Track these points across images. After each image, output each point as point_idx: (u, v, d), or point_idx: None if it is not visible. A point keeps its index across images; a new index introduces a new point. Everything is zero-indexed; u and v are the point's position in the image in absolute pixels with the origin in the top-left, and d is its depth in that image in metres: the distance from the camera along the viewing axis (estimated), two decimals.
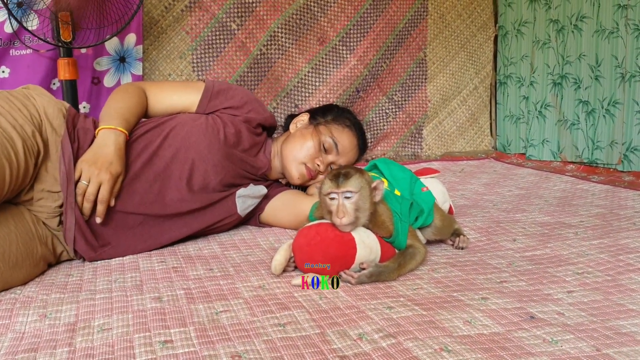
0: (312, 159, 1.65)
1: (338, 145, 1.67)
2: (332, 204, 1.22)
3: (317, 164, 1.65)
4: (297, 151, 1.66)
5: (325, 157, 1.67)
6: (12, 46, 2.19)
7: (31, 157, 1.31)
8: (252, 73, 2.64)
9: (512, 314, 1.03)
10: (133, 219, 1.45)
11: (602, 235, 1.54)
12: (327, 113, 1.76)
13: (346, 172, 1.22)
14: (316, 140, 1.66)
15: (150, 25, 2.45)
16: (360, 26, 2.81)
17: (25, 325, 1.04)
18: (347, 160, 1.71)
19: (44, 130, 1.37)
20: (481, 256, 1.40)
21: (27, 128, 1.32)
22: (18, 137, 1.28)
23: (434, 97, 3.04)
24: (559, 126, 2.79)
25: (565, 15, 2.71)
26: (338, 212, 1.20)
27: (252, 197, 1.65)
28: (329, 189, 1.21)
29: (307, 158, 1.65)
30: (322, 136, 1.67)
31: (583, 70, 2.65)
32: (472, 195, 2.16)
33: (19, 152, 1.27)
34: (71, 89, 2.11)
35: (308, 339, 0.95)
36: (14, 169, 1.26)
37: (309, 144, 1.66)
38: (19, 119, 1.32)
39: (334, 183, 1.21)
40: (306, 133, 1.69)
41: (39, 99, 1.41)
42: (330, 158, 1.67)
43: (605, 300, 1.11)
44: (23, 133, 1.30)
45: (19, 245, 1.26)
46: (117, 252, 1.44)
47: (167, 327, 1.00)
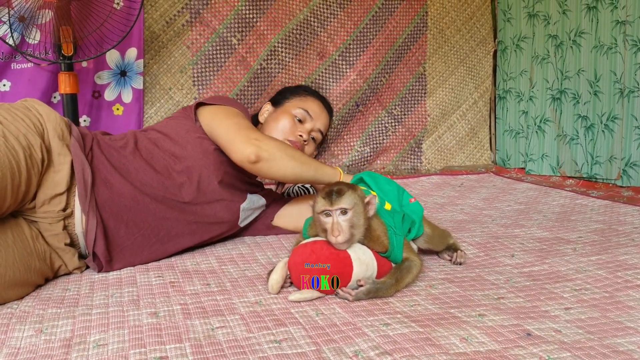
0: (292, 132, 1.80)
1: (309, 112, 1.84)
2: (326, 221, 1.21)
3: (299, 134, 1.80)
4: (276, 132, 1.78)
5: (304, 127, 1.83)
6: (14, 60, 2.20)
7: (34, 166, 1.32)
8: (252, 87, 2.65)
9: (508, 331, 1.03)
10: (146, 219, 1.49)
11: (601, 251, 1.54)
12: (284, 93, 1.95)
13: (339, 189, 1.20)
14: (288, 116, 1.82)
15: (151, 40, 2.47)
16: (359, 41, 2.82)
17: (21, 340, 1.03)
18: (323, 122, 1.88)
19: (46, 137, 1.38)
20: (479, 272, 1.40)
21: (31, 137, 1.33)
22: (20, 147, 1.29)
23: (434, 111, 3.05)
24: (558, 141, 2.80)
25: (564, 30, 2.72)
26: (333, 230, 1.19)
27: (252, 209, 1.71)
28: (323, 207, 1.20)
29: (288, 133, 1.79)
30: (292, 110, 1.83)
31: (582, 86, 2.65)
32: (471, 210, 2.16)
33: (21, 162, 1.28)
34: (72, 103, 2.12)
35: (304, 356, 0.94)
36: (16, 180, 1.26)
37: (283, 122, 1.81)
38: (21, 128, 1.33)
39: (327, 200, 1.20)
40: (276, 115, 1.85)
41: (39, 108, 1.43)
42: (308, 126, 1.84)
43: (603, 317, 1.11)
44: (26, 143, 1.31)
45: (16, 260, 1.25)
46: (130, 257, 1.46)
47: (163, 342, 0.99)
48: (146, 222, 1.48)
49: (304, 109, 1.84)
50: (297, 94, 1.92)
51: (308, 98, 1.90)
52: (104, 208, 1.42)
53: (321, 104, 1.91)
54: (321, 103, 1.91)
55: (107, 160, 1.47)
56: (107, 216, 1.42)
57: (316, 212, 1.23)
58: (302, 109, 1.84)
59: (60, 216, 1.37)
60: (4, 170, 1.23)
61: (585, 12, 2.61)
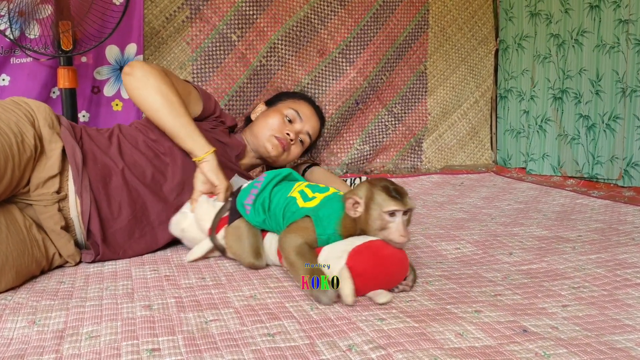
0: (280, 130, 1.84)
1: (300, 113, 1.89)
2: (390, 220, 1.18)
3: (286, 133, 1.85)
4: (265, 128, 1.85)
5: (292, 127, 1.88)
6: (13, 54, 2.20)
7: (26, 152, 1.34)
8: (251, 84, 2.64)
9: (504, 327, 1.02)
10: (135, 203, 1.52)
11: (600, 250, 1.53)
12: (280, 96, 2.01)
13: (402, 189, 1.19)
14: (279, 114, 1.87)
15: (151, 36, 2.46)
16: (360, 39, 2.81)
17: (14, 331, 1.03)
18: (312, 126, 1.92)
19: (37, 126, 1.41)
20: (476, 269, 1.39)
21: (22, 126, 1.36)
22: (12, 134, 1.32)
23: (434, 110, 3.04)
24: (559, 141, 2.79)
25: (566, 29, 2.71)
26: (400, 230, 1.17)
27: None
28: (393, 207, 1.16)
29: (276, 130, 1.84)
30: (283, 110, 1.88)
31: (584, 85, 2.64)
32: (471, 209, 2.15)
33: (14, 148, 1.30)
34: (70, 98, 2.12)
35: (297, 349, 0.93)
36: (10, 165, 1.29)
37: (273, 119, 1.86)
38: (12, 118, 1.36)
39: (398, 201, 1.16)
40: (268, 112, 1.90)
41: (29, 101, 1.46)
42: (297, 127, 1.88)
43: (601, 315, 1.10)
44: (18, 130, 1.34)
45: (10, 247, 1.26)
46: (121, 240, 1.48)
47: (156, 335, 0.99)
48: (138, 203, 1.51)
49: (295, 110, 1.89)
50: (292, 97, 1.98)
51: (301, 102, 1.95)
52: (97, 189, 1.45)
53: (313, 110, 1.96)
54: (313, 109, 1.97)
55: (96, 145, 1.52)
56: (100, 197, 1.45)
57: (382, 210, 1.17)
58: (293, 109, 1.89)
59: (55, 198, 1.39)
60: None
61: (588, 11, 2.59)
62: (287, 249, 1.22)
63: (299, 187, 1.34)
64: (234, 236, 1.39)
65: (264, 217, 1.34)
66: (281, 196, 1.34)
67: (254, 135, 1.86)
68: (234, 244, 1.39)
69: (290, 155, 1.89)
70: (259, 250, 1.37)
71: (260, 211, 1.35)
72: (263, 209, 1.34)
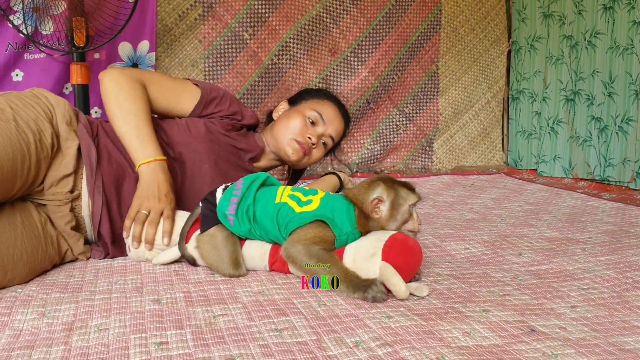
0: (301, 133, 1.72)
1: (323, 116, 1.75)
2: (411, 212, 1.26)
3: (307, 136, 1.72)
4: (286, 130, 1.73)
5: (315, 129, 1.75)
6: (27, 50, 2.22)
7: (43, 151, 1.34)
8: (263, 82, 2.65)
9: (512, 327, 1.01)
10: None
11: (610, 251, 1.52)
12: (303, 94, 1.87)
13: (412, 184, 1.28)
14: (301, 116, 1.74)
15: (163, 33, 2.47)
16: (372, 38, 2.81)
17: (24, 323, 1.04)
18: (335, 129, 1.79)
19: (55, 123, 1.41)
20: (485, 269, 1.39)
21: (41, 123, 1.36)
22: (30, 132, 1.32)
23: (446, 110, 3.03)
24: (571, 142, 2.77)
25: (579, 31, 2.69)
26: (419, 220, 1.27)
27: None
28: (417, 199, 1.26)
29: (297, 134, 1.72)
30: (306, 111, 1.75)
31: (596, 87, 2.63)
32: (481, 210, 2.14)
33: (31, 146, 1.31)
34: (83, 94, 2.13)
35: (304, 344, 0.94)
36: (26, 163, 1.29)
37: (295, 121, 1.73)
38: (32, 114, 1.36)
39: (416, 194, 1.27)
40: (290, 113, 1.77)
41: (48, 95, 1.46)
42: (319, 130, 1.75)
43: (610, 316, 1.09)
44: (36, 128, 1.34)
45: (25, 243, 1.27)
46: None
47: (164, 329, 0.99)
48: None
49: (318, 112, 1.75)
50: (316, 96, 1.84)
51: (325, 102, 1.80)
52: (110, 190, 1.45)
53: (337, 110, 1.82)
54: (338, 109, 1.82)
55: (112, 142, 1.50)
56: (112, 198, 1.45)
57: (409, 204, 1.25)
58: (316, 111, 1.75)
59: (68, 198, 1.39)
60: (15, 153, 1.26)
61: (602, 13, 2.58)
62: (302, 258, 1.20)
63: (285, 192, 1.31)
64: (209, 245, 1.30)
65: (249, 226, 1.28)
66: (267, 203, 1.29)
67: (274, 137, 1.74)
68: (210, 254, 1.30)
69: (311, 158, 1.78)
70: (238, 260, 1.29)
71: (246, 220, 1.28)
72: (248, 218, 1.28)
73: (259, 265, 1.32)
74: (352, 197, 1.26)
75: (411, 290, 1.17)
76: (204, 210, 1.34)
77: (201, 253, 1.31)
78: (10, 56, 2.19)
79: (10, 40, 2.18)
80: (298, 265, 1.21)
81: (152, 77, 1.62)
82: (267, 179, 1.37)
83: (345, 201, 1.25)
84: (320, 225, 1.23)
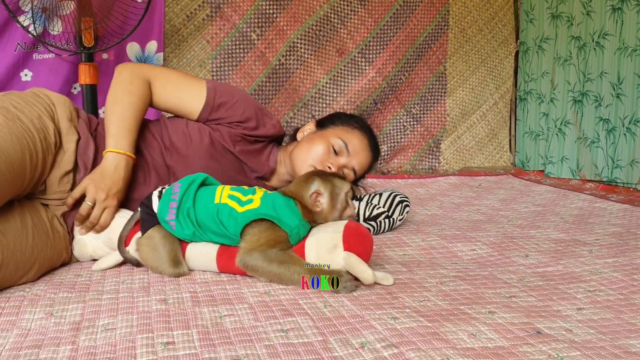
0: (322, 161, 1.58)
1: (348, 146, 1.60)
2: (347, 199, 1.30)
3: (328, 166, 1.58)
4: (306, 155, 1.60)
5: (337, 159, 1.60)
6: (35, 50, 2.23)
7: (48, 148, 1.35)
8: (270, 83, 2.65)
9: (518, 329, 1.01)
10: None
11: (617, 253, 1.51)
12: (334, 118, 1.71)
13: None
14: (325, 143, 1.60)
15: (171, 33, 2.48)
16: (380, 38, 2.82)
17: (32, 322, 1.05)
18: (360, 162, 1.64)
19: (56, 120, 1.41)
20: (492, 271, 1.39)
21: (44, 121, 1.37)
22: (35, 130, 1.33)
23: (453, 111, 3.03)
24: (578, 144, 2.76)
25: (588, 32, 2.69)
26: (353, 205, 1.31)
27: None
28: (347, 187, 1.30)
29: (317, 161, 1.58)
30: (331, 138, 1.61)
31: (604, 88, 2.62)
32: (488, 211, 2.14)
33: (37, 144, 1.31)
34: (91, 94, 2.15)
35: (309, 345, 0.94)
36: (34, 160, 1.30)
37: (317, 147, 1.60)
38: (34, 112, 1.37)
39: (347, 182, 1.31)
40: (314, 137, 1.64)
41: (49, 93, 1.46)
42: (341, 160, 1.60)
43: (616, 318, 1.09)
44: (40, 125, 1.35)
45: (35, 239, 1.28)
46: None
47: (171, 329, 1.00)
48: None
49: (344, 141, 1.60)
50: (346, 123, 1.67)
51: (354, 132, 1.65)
52: None
53: (366, 142, 1.66)
54: (367, 141, 1.67)
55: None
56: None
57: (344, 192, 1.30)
58: (342, 140, 1.60)
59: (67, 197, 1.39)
60: (23, 150, 1.27)
61: (610, 14, 2.57)
62: (262, 265, 1.21)
63: (224, 191, 1.30)
64: (148, 247, 1.29)
65: (193, 229, 1.27)
66: (207, 204, 1.28)
67: (292, 159, 1.62)
68: (149, 256, 1.29)
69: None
70: (177, 258, 1.28)
71: (189, 224, 1.27)
72: (191, 222, 1.27)
73: (207, 266, 1.32)
74: (291, 193, 1.28)
75: (377, 280, 1.22)
76: (142, 214, 1.32)
77: (141, 255, 1.31)
78: (19, 56, 2.21)
79: (19, 41, 2.19)
80: (259, 273, 1.23)
81: (160, 73, 1.58)
82: (206, 179, 1.36)
83: (285, 197, 1.27)
84: (269, 227, 1.24)
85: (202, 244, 1.31)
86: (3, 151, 1.22)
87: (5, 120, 1.28)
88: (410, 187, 2.62)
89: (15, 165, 1.24)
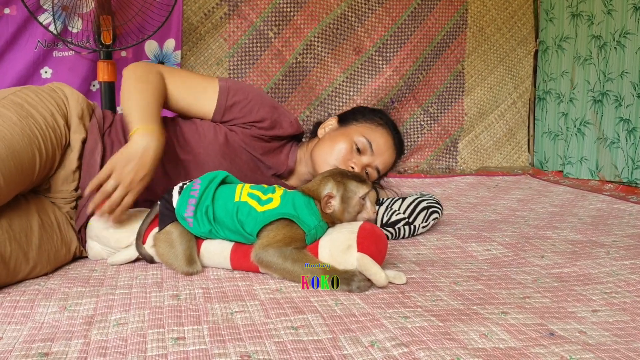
0: (344, 161, 1.54)
1: (372, 145, 1.55)
2: (364, 202, 1.29)
3: (351, 166, 1.53)
4: (327, 154, 1.55)
5: (360, 159, 1.55)
6: (55, 47, 2.26)
7: (58, 146, 1.36)
8: (287, 81, 2.66)
9: (531, 330, 1.00)
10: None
11: (635, 255, 1.49)
12: (356, 114, 1.65)
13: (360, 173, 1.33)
14: (348, 141, 1.55)
15: (189, 32, 2.49)
16: (397, 37, 2.80)
17: (45, 316, 1.06)
18: (384, 161, 1.59)
19: (67, 116, 1.42)
20: (506, 271, 1.37)
21: (56, 118, 1.37)
22: (46, 126, 1.33)
23: (471, 110, 3.01)
24: (598, 144, 2.73)
25: (608, 31, 2.65)
26: (373, 208, 1.31)
27: None
28: (366, 190, 1.29)
29: (340, 160, 1.53)
30: (354, 136, 1.56)
31: (625, 88, 2.58)
32: (504, 211, 2.12)
33: (47, 141, 1.32)
34: (110, 91, 2.16)
35: (319, 343, 0.94)
36: (43, 156, 1.31)
37: (340, 146, 1.55)
38: (47, 109, 1.37)
39: (366, 185, 1.29)
40: (336, 135, 1.59)
41: (65, 89, 1.46)
42: (365, 159, 1.56)
43: (632, 321, 1.07)
44: (52, 122, 1.35)
45: (41, 229, 1.30)
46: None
47: (182, 324, 1.00)
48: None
49: (368, 140, 1.56)
50: (370, 119, 1.62)
51: (378, 129, 1.60)
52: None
53: (391, 140, 1.61)
54: (391, 139, 1.62)
55: (124, 137, 1.45)
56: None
57: (359, 196, 1.28)
58: (365, 138, 1.55)
59: (73, 196, 1.41)
60: (33, 150, 1.28)
61: (632, 12, 2.53)
62: (277, 261, 1.21)
63: (243, 190, 1.29)
64: (165, 243, 1.29)
65: (210, 227, 1.27)
66: (226, 202, 1.27)
67: (313, 157, 1.57)
68: (165, 252, 1.29)
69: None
70: (192, 257, 1.29)
71: (206, 222, 1.27)
72: (208, 219, 1.27)
73: (221, 263, 1.32)
74: (309, 192, 1.28)
75: (390, 279, 1.22)
76: (161, 209, 1.32)
77: (157, 251, 1.31)
78: (40, 54, 2.23)
79: (39, 38, 2.22)
80: (273, 269, 1.23)
81: (172, 71, 1.55)
82: (226, 177, 1.35)
83: (305, 196, 1.27)
84: (287, 224, 1.23)
85: (217, 242, 1.31)
86: (15, 152, 1.24)
87: (19, 118, 1.29)
88: (427, 186, 2.61)
89: (24, 164, 1.26)
